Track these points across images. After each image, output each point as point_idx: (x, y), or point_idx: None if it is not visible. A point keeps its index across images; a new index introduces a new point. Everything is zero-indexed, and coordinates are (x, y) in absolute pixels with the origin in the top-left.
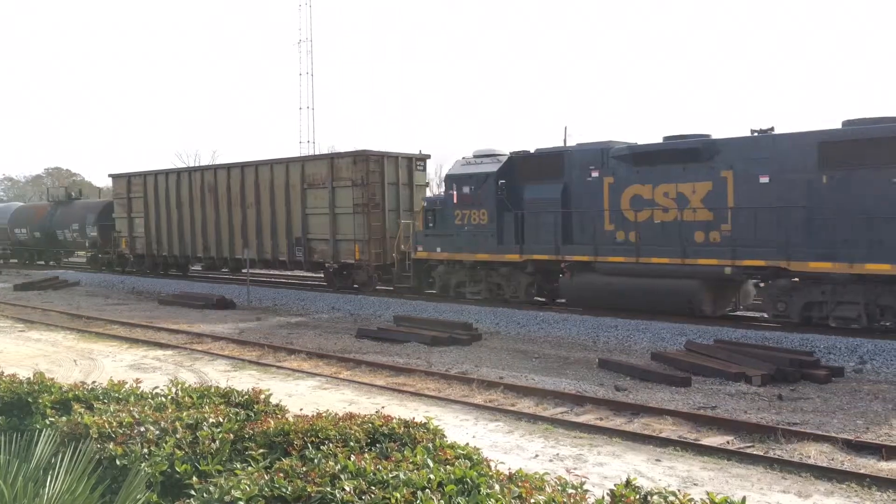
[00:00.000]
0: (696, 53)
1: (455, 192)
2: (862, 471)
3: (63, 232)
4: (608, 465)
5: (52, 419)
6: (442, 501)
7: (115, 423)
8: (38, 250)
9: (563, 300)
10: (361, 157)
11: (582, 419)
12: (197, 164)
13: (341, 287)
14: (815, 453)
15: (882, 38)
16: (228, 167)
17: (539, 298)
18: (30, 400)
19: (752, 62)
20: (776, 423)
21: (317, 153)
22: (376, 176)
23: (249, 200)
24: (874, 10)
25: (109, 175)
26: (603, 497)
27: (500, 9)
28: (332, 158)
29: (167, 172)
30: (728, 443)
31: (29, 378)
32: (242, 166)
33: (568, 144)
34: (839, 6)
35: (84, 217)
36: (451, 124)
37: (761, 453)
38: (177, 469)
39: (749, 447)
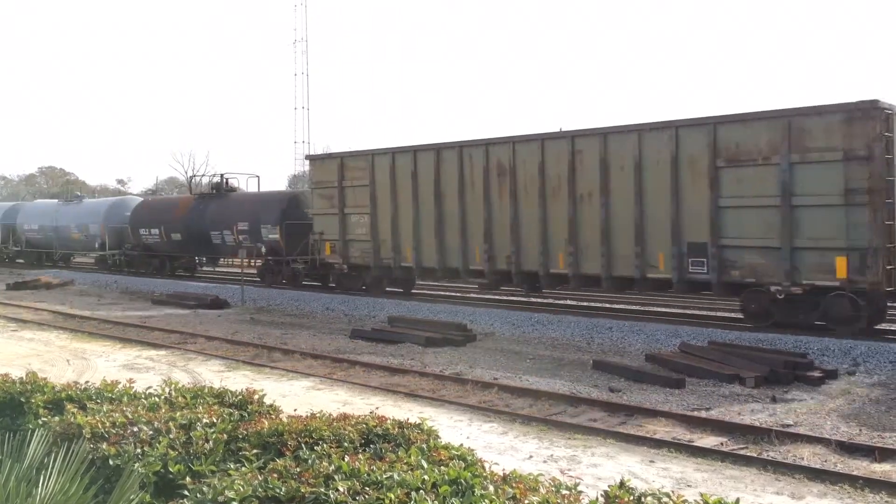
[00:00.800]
0: (696, 53)
1: None
2: (855, 472)
3: (221, 234)
4: (602, 467)
5: (45, 419)
6: (436, 502)
7: (108, 423)
8: (171, 256)
9: None
10: (867, 112)
11: (576, 420)
12: (440, 141)
13: (779, 322)
14: (808, 455)
15: (882, 38)
16: (542, 138)
17: None
18: (22, 400)
19: (752, 62)
20: (770, 424)
21: (738, 112)
22: (880, 145)
23: (585, 189)
24: (874, 10)
25: (307, 157)
26: (597, 498)
27: (500, 9)
28: (791, 118)
29: (415, 150)
30: (722, 444)
31: (21, 378)
32: (573, 136)
33: None
34: (839, 6)
35: (256, 214)
36: (450, 124)
37: (755, 455)
38: (170, 469)
39: (743, 448)
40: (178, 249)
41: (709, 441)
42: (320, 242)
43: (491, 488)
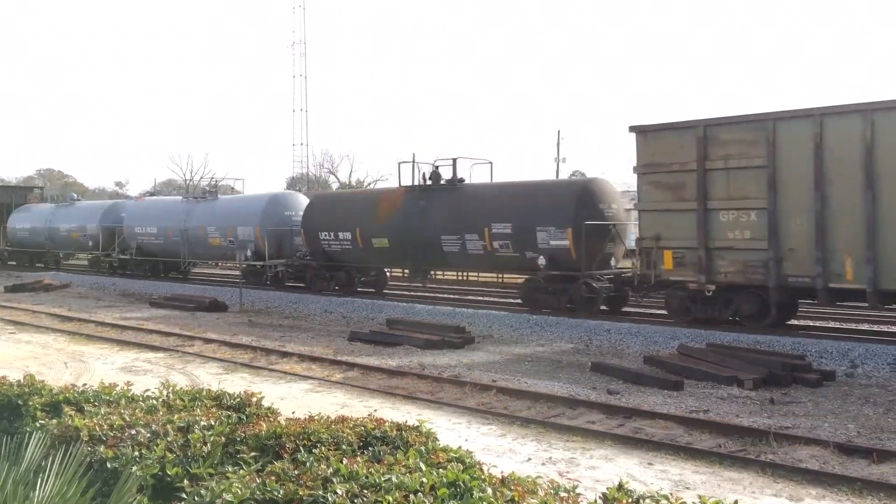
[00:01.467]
0: (697, 53)
1: None
2: (853, 475)
3: (460, 239)
4: (600, 469)
5: (43, 422)
6: None
7: (105, 426)
8: (363, 267)
9: None
10: None
11: (574, 422)
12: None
13: None
14: (806, 457)
15: (882, 38)
16: None
17: None
18: (20, 402)
19: (752, 62)
20: (768, 426)
21: None
22: None
23: None
24: (874, 10)
25: (632, 128)
26: (595, 500)
27: (500, 9)
28: None
29: (872, 109)
30: (720, 446)
31: (19, 380)
32: None
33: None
34: (839, 6)
35: (527, 212)
36: (449, 125)
37: (753, 457)
38: (168, 472)
39: (741, 451)
40: (381, 259)
41: (707, 443)
42: (655, 252)
43: (489, 491)
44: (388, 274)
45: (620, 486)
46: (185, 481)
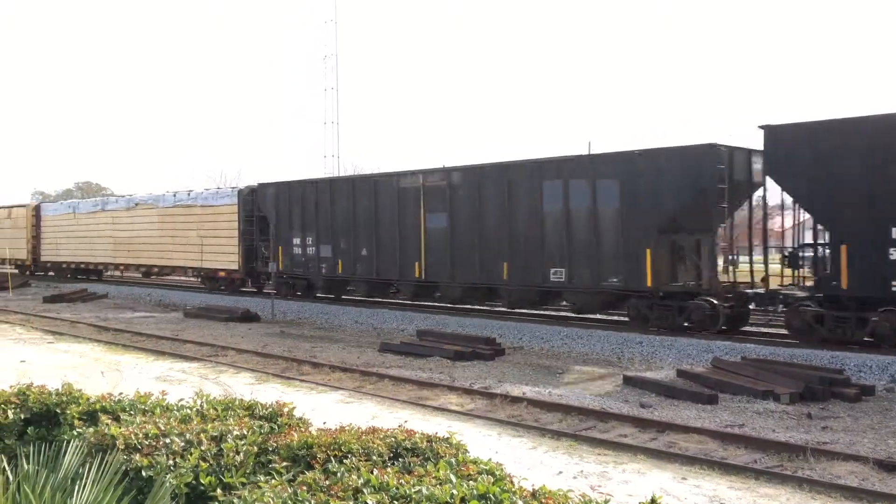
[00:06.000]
0: (710, 61)
1: None
2: (894, 491)
3: None
4: (633, 483)
5: (80, 430)
6: None
7: (141, 435)
8: None
9: None
10: None
11: (606, 436)
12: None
13: None
14: (845, 473)
15: (882, 38)
16: None
17: None
18: (58, 411)
19: (760, 64)
20: (805, 441)
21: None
22: None
23: None
24: (874, 10)
25: None
26: None
27: (529, 19)
28: None
29: None
30: (756, 461)
31: (57, 389)
32: None
33: None
34: (839, 6)
35: None
36: (478, 134)
37: (790, 472)
38: (201, 481)
39: (777, 466)
40: None
41: (742, 458)
42: None
43: (520, 503)
44: None
45: (653, 501)
46: (218, 490)
